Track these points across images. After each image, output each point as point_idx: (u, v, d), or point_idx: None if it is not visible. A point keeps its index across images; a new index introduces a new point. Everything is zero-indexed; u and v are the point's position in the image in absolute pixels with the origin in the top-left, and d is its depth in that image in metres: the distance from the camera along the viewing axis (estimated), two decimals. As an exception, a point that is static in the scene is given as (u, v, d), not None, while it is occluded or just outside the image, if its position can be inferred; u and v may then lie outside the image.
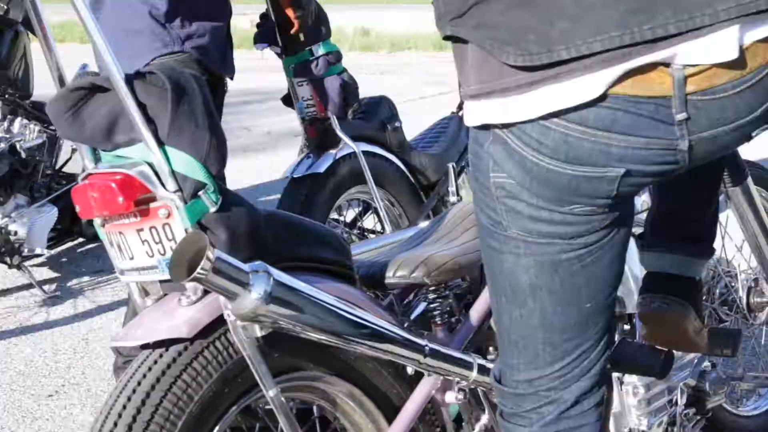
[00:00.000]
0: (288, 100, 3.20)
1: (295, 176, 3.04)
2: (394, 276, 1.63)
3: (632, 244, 1.76)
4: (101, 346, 3.31)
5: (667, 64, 1.13)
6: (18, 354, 3.26)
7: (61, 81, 1.44)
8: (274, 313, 1.30)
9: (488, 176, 1.24)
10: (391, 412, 1.55)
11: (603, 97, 1.14)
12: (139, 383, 1.36)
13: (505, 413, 1.38)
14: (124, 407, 1.34)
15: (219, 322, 1.39)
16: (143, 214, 1.38)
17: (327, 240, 1.57)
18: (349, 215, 3.39)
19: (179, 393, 1.36)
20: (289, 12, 2.94)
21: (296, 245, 1.52)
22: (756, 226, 2.00)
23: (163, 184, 1.36)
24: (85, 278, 4.06)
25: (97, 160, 1.45)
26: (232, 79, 2.41)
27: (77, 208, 1.41)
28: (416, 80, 9.97)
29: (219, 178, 1.41)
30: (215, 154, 1.38)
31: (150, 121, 1.36)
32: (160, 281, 1.45)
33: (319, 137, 3.09)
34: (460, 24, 1.18)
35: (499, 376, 1.39)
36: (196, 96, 1.38)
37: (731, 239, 2.21)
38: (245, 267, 1.28)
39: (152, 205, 1.37)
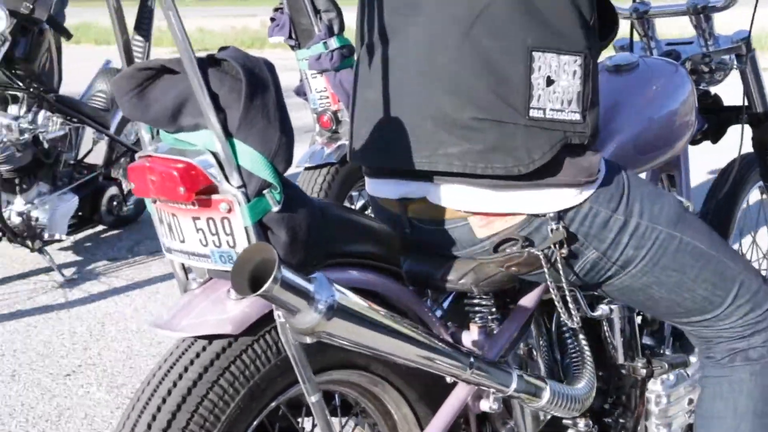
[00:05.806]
0: (300, 92, 3.30)
1: (308, 166, 3.12)
2: (441, 280, 1.57)
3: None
4: (116, 329, 3.38)
5: None
6: (37, 336, 3.34)
7: (129, 60, 1.34)
8: (332, 332, 1.26)
9: None
10: (424, 416, 1.55)
11: None
12: (180, 376, 1.33)
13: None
14: (170, 392, 1.32)
15: (265, 318, 1.36)
16: (202, 204, 1.30)
17: (378, 235, 1.53)
18: (359, 205, 3.45)
19: (226, 385, 1.34)
20: None
21: (349, 242, 1.47)
22: None
23: (227, 178, 1.29)
24: (101, 264, 4.14)
25: (155, 141, 1.38)
26: None
27: (132, 185, 1.34)
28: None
29: None
30: (283, 153, 1.30)
31: (220, 110, 1.27)
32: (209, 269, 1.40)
33: (331, 128, 3.21)
34: None
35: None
36: (269, 88, 1.29)
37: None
38: (310, 286, 1.23)
39: (213, 197, 1.29)
